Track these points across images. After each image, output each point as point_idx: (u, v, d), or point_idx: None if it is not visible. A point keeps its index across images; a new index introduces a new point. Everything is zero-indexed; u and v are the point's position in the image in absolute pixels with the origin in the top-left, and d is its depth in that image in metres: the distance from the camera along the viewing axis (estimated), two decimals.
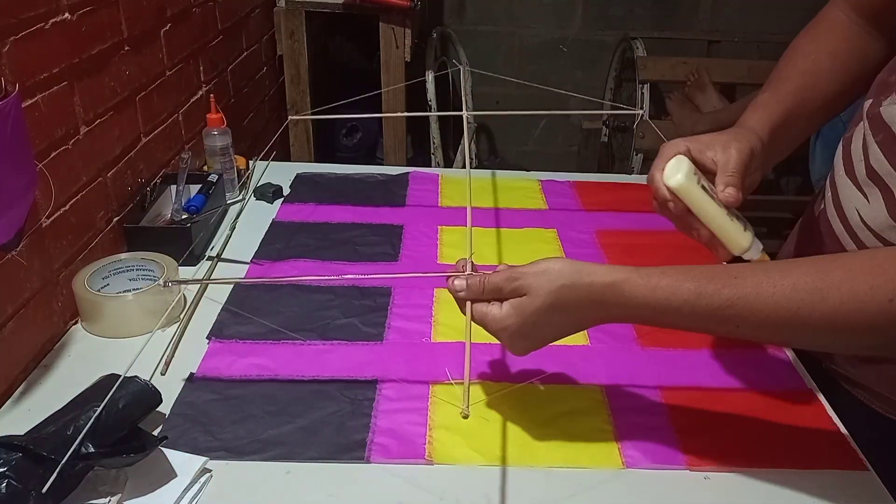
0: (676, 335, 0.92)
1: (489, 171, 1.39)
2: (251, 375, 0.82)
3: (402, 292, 0.99)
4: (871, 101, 0.77)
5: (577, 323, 0.67)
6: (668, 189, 0.70)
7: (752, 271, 0.62)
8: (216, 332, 0.89)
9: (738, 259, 0.71)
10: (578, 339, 0.91)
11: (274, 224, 1.16)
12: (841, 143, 0.83)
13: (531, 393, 0.81)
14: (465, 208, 1.24)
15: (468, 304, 0.66)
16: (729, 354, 0.89)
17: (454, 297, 0.68)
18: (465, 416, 0.59)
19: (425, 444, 0.74)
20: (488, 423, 0.77)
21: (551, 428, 0.76)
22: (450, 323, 0.93)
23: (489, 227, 1.17)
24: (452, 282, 0.67)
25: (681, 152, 0.72)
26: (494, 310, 0.65)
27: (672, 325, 0.64)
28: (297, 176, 1.33)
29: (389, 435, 0.75)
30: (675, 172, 0.69)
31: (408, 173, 1.36)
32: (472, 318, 0.67)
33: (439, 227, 1.17)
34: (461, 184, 1.33)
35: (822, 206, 0.86)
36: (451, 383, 0.81)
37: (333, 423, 0.76)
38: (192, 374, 0.82)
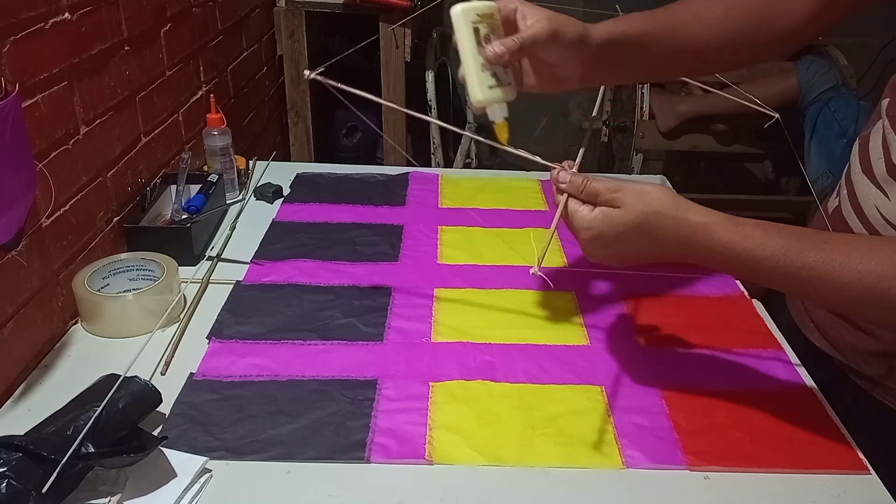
0: (676, 335, 0.92)
1: (490, 171, 1.39)
2: (251, 375, 0.82)
3: (402, 292, 0.99)
4: (888, 99, 0.77)
5: (659, 252, 0.68)
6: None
7: (842, 240, 0.65)
8: (216, 332, 0.89)
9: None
10: (578, 338, 0.91)
11: (274, 224, 1.16)
12: (857, 141, 0.83)
13: (531, 393, 0.81)
14: (465, 208, 1.24)
15: (564, 196, 0.70)
16: (729, 354, 0.89)
17: (555, 187, 0.71)
18: (534, 274, 0.68)
19: (425, 444, 0.74)
20: (488, 424, 0.77)
21: (551, 428, 0.76)
22: (450, 323, 0.93)
23: (489, 227, 1.17)
24: (558, 172, 0.70)
25: (508, 6, 0.72)
26: (585, 210, 0.68)
27: (750, 276, 0.66)
28: (297, 176, 1.33)
29: (389, 435, 0.75)
30: (460, 4, 0.70)
31: (408, 173, 1.36)
32: (563, 212, 0.70)
33: (439, 227, 1.17)
34: (461, 184, 1.33)
35: (837, 203, 0.86)
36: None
37: (333, 423, 0.76)
38: (191, 374, 0.82)
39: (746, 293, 1.01)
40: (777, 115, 0.84)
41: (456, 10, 0.70)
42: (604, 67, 0.76)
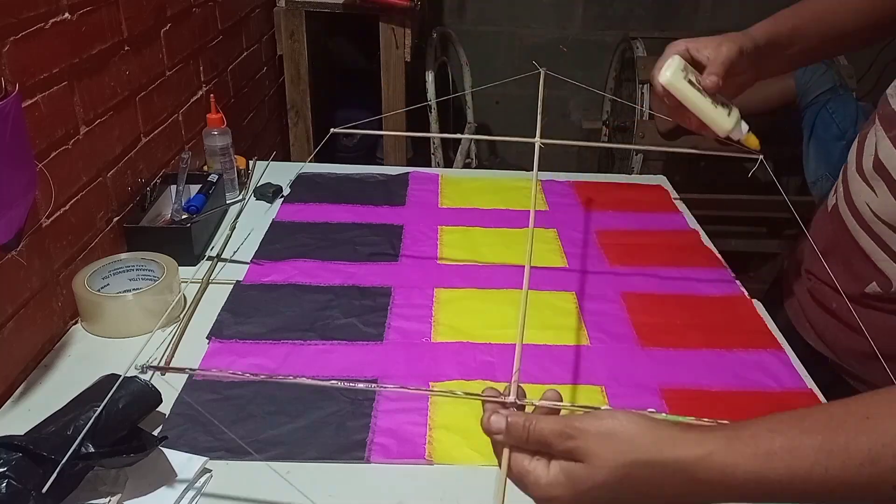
0: (676, 335, 0.92)
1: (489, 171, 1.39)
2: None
3: (402, 292, 0.99)
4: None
5: (652, 502, 0.49)
6: (661, 86, 0.77)
7: (884, 406, 0.47)
8: (216, 332, 0.89)
9: (728, 142, 0.79)
10: (579, 339, 0.91)
11: (274, 224, 1.16)
12: (857, 139, 0.84)
13: (532, 393, 0.81)
14: (465, 208, 1.24)
15: (505, 451, 0.50)
16: (729, 354, 0.88)
17: (489, 437, 0.52)
18: None
19: (425, 444, 0.74)
20: None
21: None
22: (450, 323, 0.93)
23: (489, 227, 1.17)
24: (489, 418, 0.51)
25: (679, 51, 0.78)
26: (539, 469, 0.49)
27: (796, 499, 0.47)
28: (298, 176, 1.33)
29: (389, 435, 0.75)
30: (665, 71, 0.77)
31: (408, 173, 1.36)
32: (509, 472, 0.50)
33: (439, 227, 1.17)
34: (461, 184, 1.33)
35: (835, 201, 0.86)
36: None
37: (333, 423, 0.76)
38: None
39: (746, 293, 1.01)
40: (761, 157, 0.87)
41: (667, 78, 0.76)
42: (766, 64, 0.82)
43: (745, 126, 0.79)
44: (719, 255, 1.11)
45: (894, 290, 0.77)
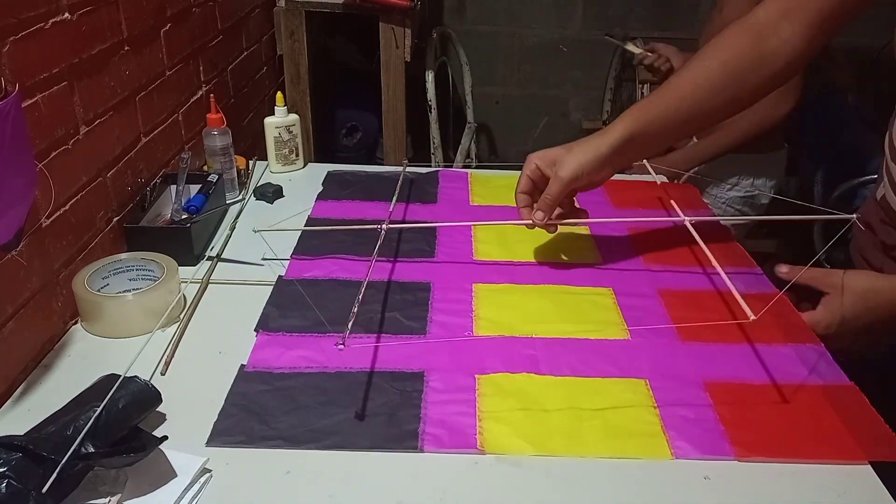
0: (715, 330, 0.90)
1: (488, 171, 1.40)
2: (300, 367, 0.81)
3: (441, 287, 0.98)
4: None
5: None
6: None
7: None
8: (262, 325, 0.88)
9: None
10: (618, 333, 0.89)
11: (310, 220, 1.15)
12: (889, 133, 0.85)
13: (576, 386, 0.80)
14: (495, 206, 1.23)
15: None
16: (770, 348, 0.87)
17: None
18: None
19: (476, 434, 0.73)
20: (535, 415, 0.76)
21: (598, 420, 0.75)
22: (490, 317, 0.91)
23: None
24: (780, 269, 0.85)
25: (530, 171, 0.94)
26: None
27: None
28: (329, 174, 1.32)
29: (440, 426, 0.74)
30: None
31: (437, 171, 1.36)
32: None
33: (472, 224, 1.16)
34: (490, 181, 1.33)
35: (882, 193, 0.86)
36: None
37: (384, 414, 0.75)
38: (242, 365, 0.82)
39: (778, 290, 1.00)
40: (854, 217, 0.89)
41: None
42: (636, 154, 0.94)
43: None
44: (748, 254, 1.10)
45: None
